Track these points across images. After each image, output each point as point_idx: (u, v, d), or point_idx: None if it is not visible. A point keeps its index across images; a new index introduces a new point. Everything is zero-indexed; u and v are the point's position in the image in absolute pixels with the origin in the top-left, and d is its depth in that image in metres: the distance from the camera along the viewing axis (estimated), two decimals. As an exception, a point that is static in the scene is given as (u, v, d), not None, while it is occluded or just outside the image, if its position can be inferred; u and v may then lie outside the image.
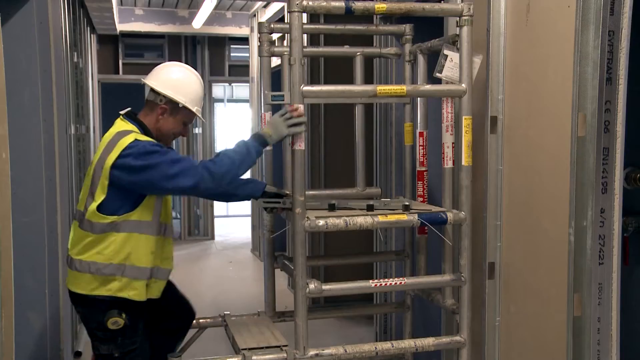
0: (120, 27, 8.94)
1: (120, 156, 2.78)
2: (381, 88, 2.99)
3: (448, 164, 3.23)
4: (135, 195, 2.85)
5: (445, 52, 3.24)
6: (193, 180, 2.74)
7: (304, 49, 3.04)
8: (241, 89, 13.24)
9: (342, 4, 2.89)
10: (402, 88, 3.05)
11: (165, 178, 2.75)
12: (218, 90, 12.87)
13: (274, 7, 7.77)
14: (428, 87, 3.26)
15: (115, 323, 2.83)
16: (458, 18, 3.04)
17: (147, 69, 10.52)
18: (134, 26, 9.34)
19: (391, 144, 4.50)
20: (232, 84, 12.57)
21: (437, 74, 3.27)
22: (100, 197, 2.82)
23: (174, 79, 3.01)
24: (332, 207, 3.13)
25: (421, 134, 3.65)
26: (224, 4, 8.98)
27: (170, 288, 3.19)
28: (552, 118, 2.75)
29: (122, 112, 3.07)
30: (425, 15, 3.15)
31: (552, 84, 2.75)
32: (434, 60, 3.31)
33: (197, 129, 10.44)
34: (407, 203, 3.12)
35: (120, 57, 10.08)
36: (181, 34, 9.89)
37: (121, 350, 2.88)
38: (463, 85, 3.05)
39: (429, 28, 3.77)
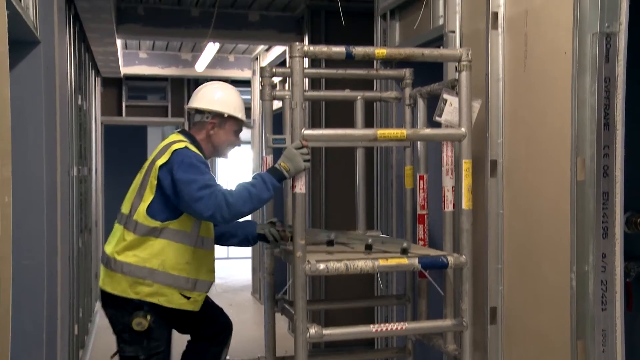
0: (124, 70, 9.06)
1: (169, 159, 2.94)
2: (381, 132, 3.02)
3: (448, 207, 3.24)
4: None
5: (445, 96, 3.28)
6: (211, 210, 2.81)
7: (305, 93, 3.08)
8: (242, 132, 13.30)
9: (343, 49, 2.94)
10: (403, 132, 3.08)
11: (191, 198, 2.85)
12: (220, 132, 12.93)
13: (276, 51, 7.89)
14: (428, 131, 3.29)
15: (140, 324, 2.87)
16: (457, 63, 3.09)
17: (150, 111, 10.57)
18: (138, 69, 9.47)
19: (392, 187, 4.51)
20: (234, 126, 12.65)
21: (437, 118, 3.30)
22: (148, 198, 2.97)
23: (214, 95, 3.17)
24: (330, 243, 3.15)
25: (421, 177, 3.67)
26: (227, 47, 9.11)
27: None
28: (552, 162, 2.76)
29: (176, 130, 3.23)
30: (424, 61, 3.20)
31: (550, 128, 2.78)
32: (434, 103, 3.35)
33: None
34: (405, 245, 3.12)
35: (123, 100, 10.19)
36: (184, 77, 10.01)
37: (146, 353, 2.93)
38: (463, 129, 3.08)
39: (429, 72, 3.82)
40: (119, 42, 7.28)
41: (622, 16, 2.42)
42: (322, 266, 2.87)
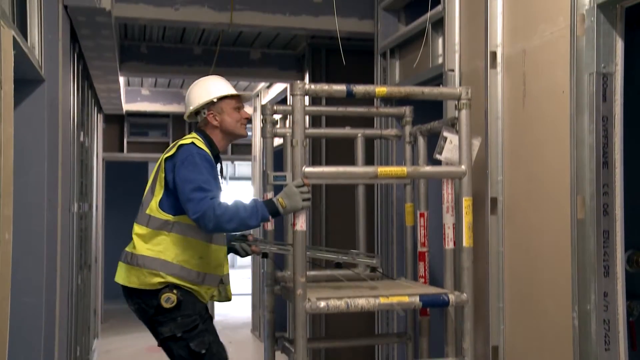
0: (127, 106, 9.14)
1: (174, 153, 2.98)
2: (382, 170, 3.03)
3: (449, 244, 3.23)
4: None
5: (445, 134, 3.30)
6: (197, 215, 2.83)
7: (306, 130, 3.10)
8: (244, 167, 13.38)
9: (344, 88, 2.97)
10: (403, 170, 3.10)
11: (183, 197, 2.88)
12: (221, 168, 12.98)
13: (277, 88, 7.97)
14: (428, 168, 3.30)
15: (169, 300, 2.89)
16: (457, 101, 3.12)
17: (151, 147, 10.57)
18: (140, 106, 9.55)
19: (392, 224, 4.50)
20: (235, 162, 12.71)
21: (437, 156, 3.32)
22: (159, 193, 3.00)
23: (196, 91, 3.19)
24: (338, 265, 3.26)
25: (422, 214, 3.67)
26: (228, 85, 9.19)
27: None
28: (551, 200, 2.77)
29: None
30: (424, 99, 3.23)
31: (550, 166, 2.79)
32: (434, 141, 3.37)
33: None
34: (375, 262, 3.29)
35: (125, 136, 10.25)
36: (186, 114, 10.08)
37: (183, 329, 2.93)
38: (463, 166, 3.09)
39: (429, 110, 3.86)
40: (121, 80, 7.36)
41: (618, 57, 2.46)
42: (322, 304, 2.86)
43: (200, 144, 3.03)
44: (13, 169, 2.41)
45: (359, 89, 2.98)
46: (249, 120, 3.22)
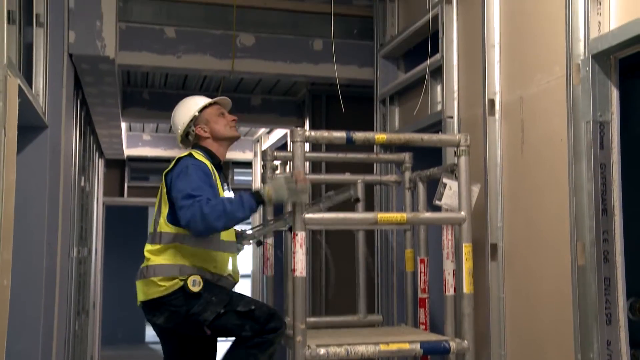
0: (128, 151, 9.19)
1: (172, 167, 3.02)
2: (382, 216, 3.04)
3: (449, 291, 3.21)
4: None
5: (444, 180, 3.32)
6: (187, 220, 2.82)
7: (306, 176, 3.12)
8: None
9: (344, 134, 3.00)
10: (403, 216, 3.10)
11: (176, 206, 2.89)
12: (221, 212, 12.96)
13: (278, 133, 8.04)
14: (428, 214, 3.31)
15: (195, 282, 2.88)
16: (456, 148, 3.15)
17: (152, 192, 10.58)
18: (141, 151, 9.60)
19: (392, 270, 4.49)
20: (235, 207, 12.68)
21: (437, 202, 3.33)
22: (165, 209, 3.01)
23: (177, 114, 3.24)
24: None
25: (422, 260, 3.66)
26: (229, 130, 9.26)
27: None
28: (551, 246, 2.77)
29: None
30: (424, 146, 3.26)
31: (549, 213, 2.80)
32: (434, 187, 3.38)
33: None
34: (352, 193, 3.27)
35: (125, 180, 10.27)
36: (187, 159, 10.13)
37: (222, 304, 2.91)
38: (462, 213, 3.10)
39: (428, 156, 3.89)
40: (123, 125, 7.43)
41: (613, 106, 2.49)
42: (322, 351, 2.83)
43: (198, 155, 3.07)
44: (14, 213, 2.42)
45: (359, 135, 3.01)
46: (236, 121, 3.26)
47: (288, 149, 6.72)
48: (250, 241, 3.43)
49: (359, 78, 5.31)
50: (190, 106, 3.21)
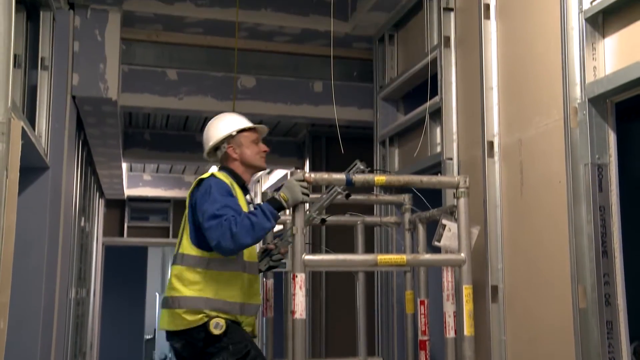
0: (128, 191, 9.21)
1: (195, 188, 3.01)
2: (382, 257, 3.03)
3: (450, 333, 3.18)
4: None
5: (444, 221, 3.32)
6: (216, 240, 2.80)
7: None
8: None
9: (343, 176, 3.01)
10: (402, 257, 3.09)
11: (203, 228, 2.86)
12: (220, 252, 12.91)
13: (278, 174, 8.07)
14: (428, 256, 3.30)
15: (218, 325, 2.84)
16: (455, 190, 3.16)
17: (151, 232, 10.52)
18: (142, 191, 9.63)
19: (393, 312, 4.45)
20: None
21: (436, 243, 3.33)
22: (188, 231, 2.98)
23: (215, 127, 3.20)
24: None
25: (422, 302, 3.64)
26: (230, 170, 9.30)
27: None
28: (552, 288, 2.76)
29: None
30: (423, 187, 3.27)
31: (549, 255, 2.79)
32: (433, 228, 3.38)
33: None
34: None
35: (125, 220, 10.27)
36: (186, 199, 10.14)
37: (236, 356, 2.88)
38: (462, 254, 3.09)
39: (428, 197, 3.90)
40: (124, 165, 7.46)
41: (611, 149, 2.51)
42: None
43: (221, 175, 3.05)
44: (13, 254, 2.42)
45: (359, 178, 3.02)
46: (267, 152, 3.24)
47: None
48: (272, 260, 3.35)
49: (359, 119, 5.36)
50: (230, 123, 3.19)
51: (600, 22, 2.57)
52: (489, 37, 3.32)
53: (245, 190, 3.17)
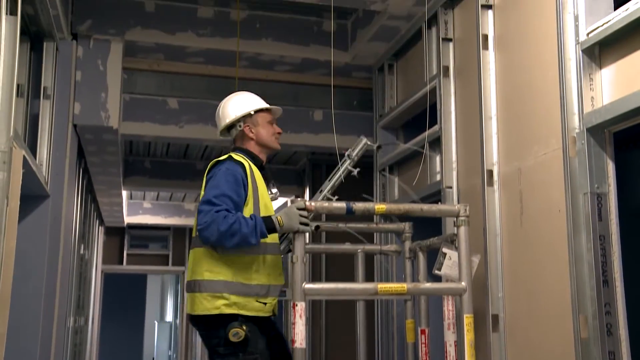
0: (128, 219, 9.21)
1: (210, 171, 2.97)
2: (382, 286, 3.01)
3: (452, 363, 3.16)
4: None
5: (444, 250, 3.31)
6: (201, 226, 2.77)
7: (306, 246, 3.12)
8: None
9: (344, 205, 3.02)
10: (403, 286, 3.07)
11: (198, 209, 2.83)
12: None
13: (278, 202, 8.06)
14: (428, 285, 3.29)
15: (236, 335, 2.79)
16: (455, 218, 3.16)
17: (151, 259, 10.48)
18: (141, 219, 9.62)
19: (393, 341, 4.42)
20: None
21: (437, 272, 3.32)
22: None
23: (232, 104, 3.17)
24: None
25: (423, 331, 3.61)
26: (230, 198, 9.31)
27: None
28: (553, 317, 2.74)
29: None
30: (423, 216, 3.27)
31: (550, 284, 2.78)
32: (434, 256, 3.38)
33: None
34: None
35: (125, 248, 10.25)
36: (186, 226, 10.14)
37: None
38: (463, 283, 3.07)
39: (428, 226, 3.90)
40: (124, 193, 7.47)
41: (610, 178, 2.52)
42: None
43: (238, 157, 3.01)
44: (12, 282, 2.41)
45: (359, 206, 3.02)
46: (280, 134, 3.20)
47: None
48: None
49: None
50: (248, 102, 3.16)
51: (597, 54, 2.61)
52: (488, 67, 3.35)
53: (263, 170, 3.13)
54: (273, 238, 3.03)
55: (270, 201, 3.07)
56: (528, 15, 3.05)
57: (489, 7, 3.39)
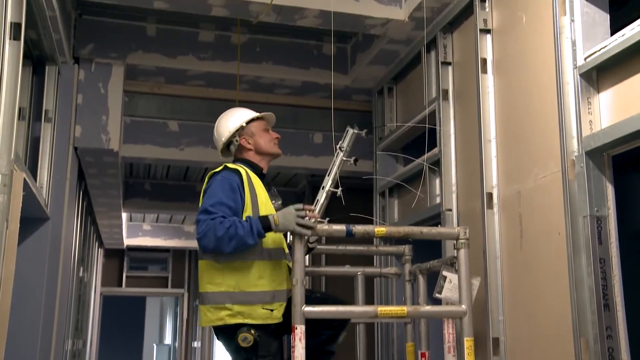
0: (127, 241, 9.19)
1: (208, 180, 3.00)
2: (382, 309, 3.00)
3: (452, 388, 3.13)
4: None
5: (444, 273, 3.30)
6: (199, 235, 2.80)
7: (306, 269, 3.11)
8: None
9: (343, 228, 3.01)
10: (403, 309, 3.06)
11: (196, 219, 2.86)
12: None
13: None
14: (428, 308, 3.27)
15: (245, 340, 2.80)
16: (455, 241, 3.15)
17: (150, 282, 10.44)
18: (141, 241, 9.61)
19: (393, 364, 4.39)
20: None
21: (437, 295, 3.30)
22: None
23: (223, 122, 3.20)
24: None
25: (423, 354, 3.59)
26: (230, 220, 9.31)
27: None
28: (554, 341, 2.73)
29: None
30: (423, 239, 3.27)
31: (550, 307, 2.77)
32: (434, 279, 3.37)
33: (196, 342, 10.22)
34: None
35: (124, 270, 10.22)
36: (185, 248, 10.12)
37: None
38: (463, 306, 3.06)
39: (428, 248, 3.89)
40: (124, 215, 7.47)
41: (609, 201, 2.53)
42: None
43: (234, 166, 3.03)
44: (10, 305, 2.40)
45: (359, 229, 3.02)
46: (279, 139, 3.21)
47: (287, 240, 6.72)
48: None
49: (359, 171, 5.38)
50: (238, 116, 3.20)
51: (595, 78, 2.63)
52: (487, 90, 3.37)
53: (263, 178, 3.14)
54: (275, 243, 3.02)
55: (272, 208, 3.05)
56: (526, 39, 3.08)
57: (488, 31, 3.42)
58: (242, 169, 3.00)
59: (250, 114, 3.21)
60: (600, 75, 2.62)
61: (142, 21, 4.64)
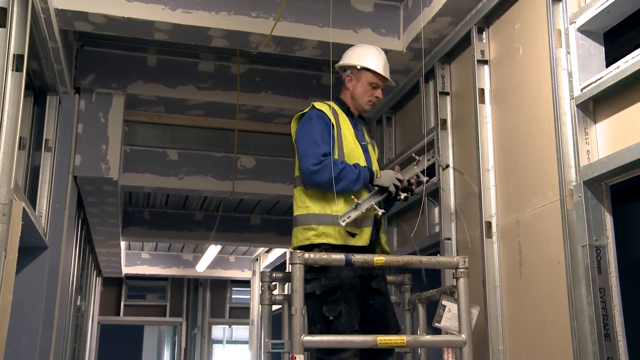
0: (126, 269, 9.16)
1: (297, 120, 3.18)
2: (381, 339, 2.98)
3: (453, 419, 3.10)
4: None
5: (444, 302, 3.29)
6: (315, 168, 2.93)
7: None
8: (241, 330, 13.08)
9: (343, 257, 3.01)
10: (402, 339, 3.04)
11: (300, 153, 3.03)
12: (218, 331, 12.71)
13: (276, 252, 8.04)
14: (428, 337, 3.25)
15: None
16: (454, 270, 3.15)
17: (148, 310, 10.42)
18: (139, 269, 9.57)
19: (393, 395, 4.33)
20: (232, 326, 12.45)
21: (436, 324, 3.28)
22: (295, 156, 3.14)
23: (352, 50, 3.29)
24: None
25: (424, 385, 3.55)
26: (228, 248, 9.29)
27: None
28: (556, 372, 2.71)
29: None
30: (422, 267, 3.26)
31: (550, 337, 2.76)
32: (433, 308, 3.35)
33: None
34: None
35: (122, 299, 10.15)
36: (184, 277, 10.08)
37: (322, 289, 2.98)
38: (463, 336, 3.04)
39: (428, 277, 3.88)
40: (122, 244, 7.45)
41: (608, 230, 2.53)
42: None
43: (320, 105, 3.14)
44: (6, 335, 2.39)
45: (357, 258, 3.01)
46: (378, 99, 3.27)
47: (287, 268, 6.70)
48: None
49: (358, 200, 5.40)
50: (361, 56, 3.25)
51: (591, 108, 2.65)
52: (485, 120, 3.40)
53: (351, 115, 3.24)
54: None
55: (357, 145, 3.16)
56: (523, 70, 3.11)
57: (485, 62, 3.46)
58: (326, 106, 3.16)
59: (371, 63, 3.26)
60: (596, 105, 2.64)
61: (142, 52, 4.69)
